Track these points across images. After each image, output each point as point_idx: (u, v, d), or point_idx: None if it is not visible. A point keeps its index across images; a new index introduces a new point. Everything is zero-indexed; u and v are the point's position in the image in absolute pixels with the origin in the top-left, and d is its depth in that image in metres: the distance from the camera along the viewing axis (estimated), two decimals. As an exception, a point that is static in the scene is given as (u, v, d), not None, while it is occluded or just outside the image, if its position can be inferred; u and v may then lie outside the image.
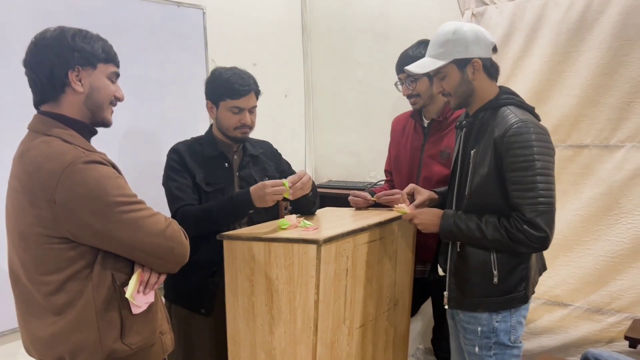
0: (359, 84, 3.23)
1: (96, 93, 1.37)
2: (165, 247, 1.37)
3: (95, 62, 1.37)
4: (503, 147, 1.60)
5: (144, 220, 1.32)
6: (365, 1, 3.15)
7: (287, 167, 2.27)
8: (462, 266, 1.74)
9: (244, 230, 1.88)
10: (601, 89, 2.27)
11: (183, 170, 2.00)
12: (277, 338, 1.75)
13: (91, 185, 1.26)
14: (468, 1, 2.61)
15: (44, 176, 1.25)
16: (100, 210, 1.26)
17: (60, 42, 1.33)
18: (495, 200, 1.66)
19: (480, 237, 1.66)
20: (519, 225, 1.59)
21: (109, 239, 1.30)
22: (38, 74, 1.33)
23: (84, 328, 1.31)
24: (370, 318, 1.96)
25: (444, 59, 1.69)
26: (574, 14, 2.30)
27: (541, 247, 1.64)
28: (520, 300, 1.71)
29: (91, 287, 1.31)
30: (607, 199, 2.29)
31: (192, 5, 2.66)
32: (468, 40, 1.67)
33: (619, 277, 2.28)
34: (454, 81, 1.71)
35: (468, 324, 1.76)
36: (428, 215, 1.80)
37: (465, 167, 1.74)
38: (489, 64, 1.71)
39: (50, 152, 1.27)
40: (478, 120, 1.73)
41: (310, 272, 1.65)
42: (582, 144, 2.35)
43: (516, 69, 2.48)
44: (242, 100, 1.99)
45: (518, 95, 1.75)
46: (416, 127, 2.31)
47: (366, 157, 3.24)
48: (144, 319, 1.41)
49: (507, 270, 1.68)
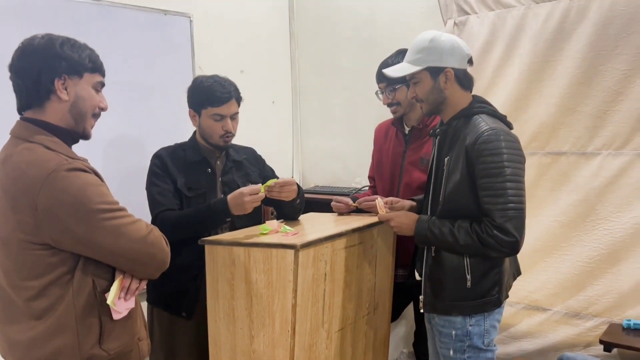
0: (346, 91, 3.27)
1: (81, 102, 1.38)
2: (146, 254, 1.39)
3: (82, 71, 1.38)
4: (474, 154, 1.65)
5: (126, 227, 1.34)
6: (351, 10, 3.19)
7: (270, 172, 2.31)
8: (437, 270, 1.78)
9: (226, 235, 1.91)
10: (578, 97, 2.32)
11: (165, 175, 2.03)
12: (256, 341, 1.78)
13: (74, 192, 1.27)
14: (450, 10, 2.67)
15: (27, 183, 1.27)
16: (82, 217, 1.28)
17: (48, 49, 1.34)
18: (467, 206, 1.70)
19: (452, 241, 1.70)
20: (489, 230, 1.63)
21: (91, 246, 1.32)
22: (24, 79, 1.34)
23: (63, 333, 1.33)
24: (350, 322, 1.99)
25: (418, 65, 1.74)
26: (552, 25, 2.35)
27: (511, 252, 1.68)
28: (494, 304, 1.75)
29: (71, 292, 1.32)
30: (584, 206, 2.33)
31: (179, 13, 2.70)
32: (443, 49, 1.71)
33: (595, 282, 2.32)
34: (426, 88, 1.76)
35: (443, 328, 1.80)
36: (404, 218, 1.84)
37: (440, 174, 1.78)
38: (462, 75, 1.76)
39: (34, 158, 1.29)
40: (452, 128, 1.78)
41: (288, 276, 1.69)
42: (560, 151, 2.40)
43: (497, 77, 2.53)
44: (223, 107, 2.02)
45: (491, 104, 1.79)
46: (397, 134, 2.35)
47: (352, 163, 3.28)
48: (123, 325, 1.43)
49: (480, 275, 1.72)
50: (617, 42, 2.21)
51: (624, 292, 2.25)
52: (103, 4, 2.39)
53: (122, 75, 2.45)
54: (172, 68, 2.69)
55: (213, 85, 2.01)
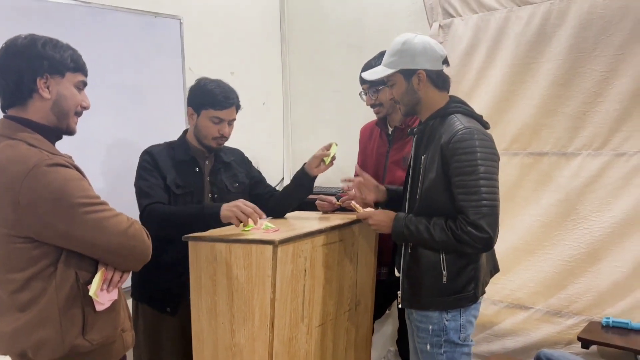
0: (336, 94, 3.32)
1: (63, 101, 1.42)
2: (127, 246, 1.42)
3: (64, 70, 1.41)
4: (449, 153, 1.69)
5: (107, 220, 1.38)
6: (340, 14, 3.25)
7: (257, 173, 2.36)
8: (414, 267, 1.82)
9: (209, 232, 1.95)
10: (559, 98, 2.36)
11: (154, 170, 2.07)
12: (237, 336, 1.82)
13: (55, 187, 1.31)
14: (436, 13, 2.71)
15: (9, 178, 1.30)
16: (63, 211, 1.32)
17: (30, 49, 1.37)
18: (443, 203, 1.74)
19: (428, 238, 1.73)
20: (463, 227, 1.67)
21: (73, 239, 1.36)
22: (6, 78, 1.38)
23: (47, 324, 1.36)
24: (330, 317, 2.03)
25: (392, 68, 1.78)
26: (533, 27, 2.39)
27: (485, 248, 1.72)
28: (470, 299, 1.79)
29: (54, 285, 1.36)
30: (565, 205, 2.37)
31: (169, 16, 2.75)
32: (416, 51, 1.76)
33: (576, 281, 2.35)
34: (400, 89, 1.81)
35: (420, 323, 1.84)
36: (382, 216, 1.88)
37: (417, 172, 1.82)
38: (435, 76, 1.79)
39: (15, 155, 1.32)
40: (428, 128, 1.82)
41: (267, 271, 1.73)
42: (542, 152, 2.43)
43: (480, 79, 2.57)
44: (224, 112, 2.07)
45: (467, 104, 1.83)
46: (381, 134, 2.40)
47: (341, 163, 3.29)
48: (106, 316, 1.46)
49: (456, 271, 1.76)
50: (595, 45, 2.25)
51: (603, 290, 2.29)
52: (94, 6, 2.44)
53: (113, 76, 2.50)
54: (162, 70, 2.74)
55: (216, 89, 2.07)
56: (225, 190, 2.15)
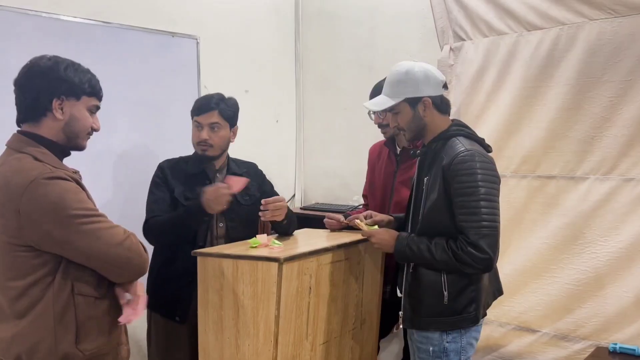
0: (347, 112, 3.37)
1: (75, 122, 1.49)
2: (123, 258, 1.46)
3: (80, 94, 1.49)
4: (450, 174, 1.72)
5: (103, 231, 1.43)
6: (353, 34, 3.31)
7: (269, 187, 2.40)
8: (415, 287, 1.84)
9: (216, 248, 2.00)
10: (567, 122, 2.37)
11: (163, 184, 2.15)
12: (241, 351, 1.85)
13: (53, 198, 1.37)
14: (447, 36, 2.75)
15: (11, 189, 1.37)
16: (61, 221, 1.38)
17: (52, 71, 1.45)
18: (444, 224, 1.76)
19: (429, 258, 1.76)
20: (464, 247, 1.69)
21: (70, 248, 1.41)
22: (25, 95, 1.46)
23: (42, 331, 1.41)
24: (335, 335, 2.05)
25: (396, 98, 1.82)
26: (542, 51, 2.42)
27: (485, 269, 1.73)
28: (471, 321, 1.80)
29: (52, 293, 1.41)
30: (572, 229, 2.37)
31: (186, 36, 2.84)
32: (418, 80, 1.80)
33: (583, 305, 2.34)
34: (407, 118, 1.85)
35: (421, 344, 1.85)
36: (385, 235, 1.91)
37: (419, 193, 1.85)
38: (439, 101, 1.84)
39: (19, 167, 1.40)
40: (431, 150, 1.86)
41: (271, 288, 1.76)
42: (550, 175, 2.44)
43: (489, 101, 2.59)
44: (201, 116, 2.14)
45: (468, 127, 1.87)
46: (390, 154, 2.43)
47: (351, 181, 3.36)
48: (100, 328, 1.50)
49: (456, 291, 1.77)
50: (604, 70, 2.26)
51: (610, 316, 2.27)
52: (114, 26, 2.53)
53: (131, 93, 2.59)
54: (178, 87, 2.82)
55: (200, 98, 2.18)
56: (235, 202, 2.20)
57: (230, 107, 2.18)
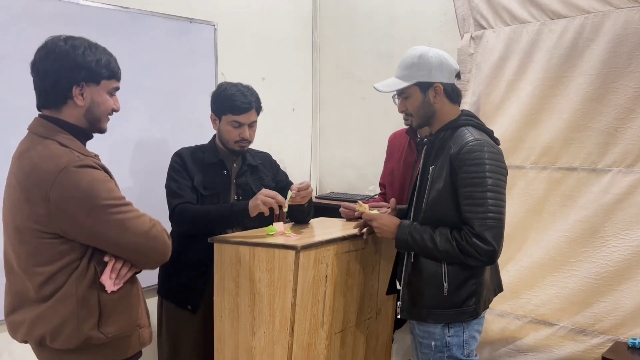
0: (364, 102, 3.34)
1: (96, 107, 1.48)
2: (148, 247, 1.48)
3: (100, 79, 1.47)
4: (457, 164, 1.69)
5: (130, 221, 1.44)
6: (372, 22, 3.27)
7: (284, 177, 2.39)
8: (415, 277, 1.81)
9: (234, 235, 2.00)
10: (590, 114, 2.32)
11: (183, 172, 2.15)
12: (257, 338, 1.85)
13: (83, 187, 1.37)
14: (467, 24, 2.70)
15: (40, 176, 1.37)
16: (90, 210, 1.38)
17: (70, 56, 1.42)
18: (449, 214, 1.73)
19: (432, 247, 1.72)
20: (468, 238, 1.67)
21: (98, 237, 1.42)
22: (43, 81, 1.43)
23: (65, 313, 1.42)
24: (350, 325, 2.04)
25: (407, 81, 1.79)
26: (566, 41, 2.36)
27: (489, 261, 1.70)
28: (470, 315, 1.77)
29: (75, 277, 1.42)
30: (593, 222, 2.33)
31: (204, 22, 2.82)
32: (432, 65, 1.77)
33: (602, 299, 2.31)
34: (416, 102, 1.81)
35: (422, 339, 1.83)
36: (387, 221, 1.87)
37: (424, 182, 1.82)
38: (450, 89, 1.81)
39: (47, 154, 1.39)
40: (439, 139, 1.83)
41: (288, 276, 1.76)
42: (571, 167, 2.40)
43: (510, 91, 2.55)
44: (242, 116, 2.12)
45: (477, 117, 1.85)
46: (410, 143, 2.41)
47: (367, 171, 3.34)
48: (122, 310, 1.51)
49: (457, 283, 1.75)
50: (630, 60, 2.20)
51: (630, 310, 2.23)
52: (132, 11, 2.52)
53: (147, 79, 2.58)
54: (195, 74, 2.81)
55: (235, 94, 2.12)
56: (250, 192, 2.19)
57: (259, 102, 2.18)
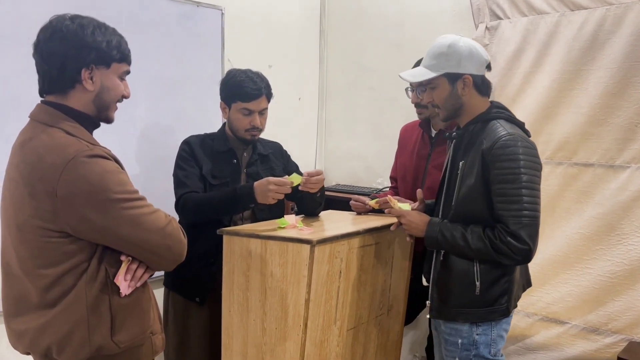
0: (372, 92, 3.27)
1: (106, 92, 1.35)
2: (163, 245, 1.35)
3: (110, 61, 1.33)
4: (490, 159, 1.62)
5: (144, 217, 1.31)
6: (381, 11, 3.19)
7: (295, 168, 2.33)
8: (445, 275, 1.76)
9: (244, 227, 1.93)
10: (609, 108, 2.26)
11: (191, 160, 2.08)
12: (268, 333, 1.79)
13: (94, 179, 1.24)
14: (482, 14, 2.63)
15: (46, 168, 1.23)
16: (101, 205, 1.25)
17: (79, 36, 1.29)
18: (480, 211, 1.67)
19: (463, 245, 1.67)
20: (502, 236, 1.61)
21: (108, 234, 1.29)
22: (49, 64, 1.29)
23: (74, 321, 1.29)
24: (363, 321, 1.99)
25: (435, 71, 1.71)
26: (586, 33, 2.30)
27: (523, 260, 1.64)
28: (502, 313, 1.72)
29: (85, 280, 1.29)
30: (609, 219, 2.28)
31: (211, 6, 2.73)
32: (462, 55, 1.69)
33: (617, 298, 2.27)
34: (444, 94, 1.74)
35: (449, 336, 1.78)
36: (416, 217, 1.81)
37: (453, 178, 1.75)
38: (480, 81, 1.73)
39: (53, 143, 1.25)
40: (468, 133, 1.76)
41: (302, 271, 1.69)
42: (588, 163, 2.34)
43: (526, 83, 2.49)
44: (252, 103, 2.05)
45: (508, 110, 1.77)
46: (423, 136, 2.33)
47: (374, 163, 3.27)
48: (135, 317, 1.39)
49: (489, 282, 1.69)
50: (653, 54, 2.15)
51: (646, 310, 2.20)
52: (137, -7, 2.43)
53: (152, 64, 2.50)
54: (201, 60, 2.72)
55: (245, 80, 2.04)
56: None
57: (270, 88, 2.10)
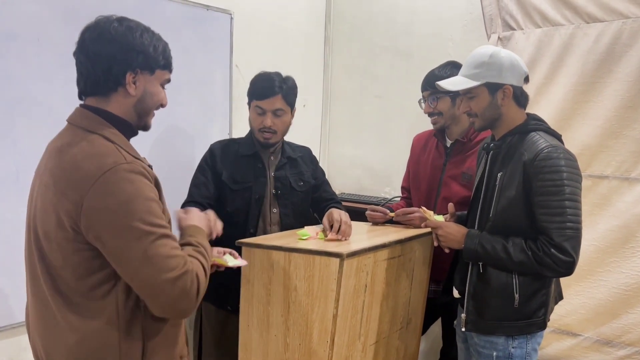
0: (378, 100, 3.23)
1: (148, 98, 1.30)
2: (167, 296, 1.18)
3: (155, 67, 1.29)
4: (532, 171, 1.62)
5: (158, 258, 1.17)
6: (390, 19, 3.16)
7: (322, 174, 2.32)
8: (482, 288, 1.74)
9: (264, 239, 1.87)
10: (625, 121, 2.27)
11: (209, 169, 2.05)
12: (291, 350, 1.73)
13: (122, 199, 1.15)
14: (495, 25, 2.62)
15: (80, 177, 1.17)
16: (119, 229, 1.16)
17: (127, 39, 1.24)
18: (519, 223, 1.66)
19: (505, 258, 1.65)
20: (546, 249, 1.60)
21: (115, 261, 1.19)
22: (94, 66, 1.24)
23: (105, 346, 1.21)
24: (384, 336, 1.94)
25: (476, 80, 1.70)
26: (602, 45, 2.31)
27: (566, 272, 1.64)
28: (539, 326, 1.71)
29: (115, 302, 1.21)
30: (623, 232, 2.28)
31: (220, 10, 2.67)
32: (503, 65, 1.68)
33: (631, 311, 2.26)
34: (483, 103, 1.73)
35: (483, 349, 1.75)
36: (454, 229, 1.79)
37: (490, 190, 1.74)
38: (519, 92, 1.73)
39: (92, 151, 1.19)
40: (506, 144, 1.74)
41: (331, 285, 1.64)
42: (602, 175, 2.35)
43: (539, 95, 2.48)
44: (264, 101, 2.02)
45: (545, 122, 1.77)
46: (438, 146, 2.31)
47: (381, 172, 3.24)
48: (166, 342, 1.30)
49: (528, 295, 1.68)
50: (670, 68, 2.16)
51: (661, 323, 2.20)
52: (147, -5, 2.36)
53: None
54: (209, 64, 2.66)
55: (263, 79, 2.04)
56: (288, 187, 2.09)
57: (292, 90, 2.07)
